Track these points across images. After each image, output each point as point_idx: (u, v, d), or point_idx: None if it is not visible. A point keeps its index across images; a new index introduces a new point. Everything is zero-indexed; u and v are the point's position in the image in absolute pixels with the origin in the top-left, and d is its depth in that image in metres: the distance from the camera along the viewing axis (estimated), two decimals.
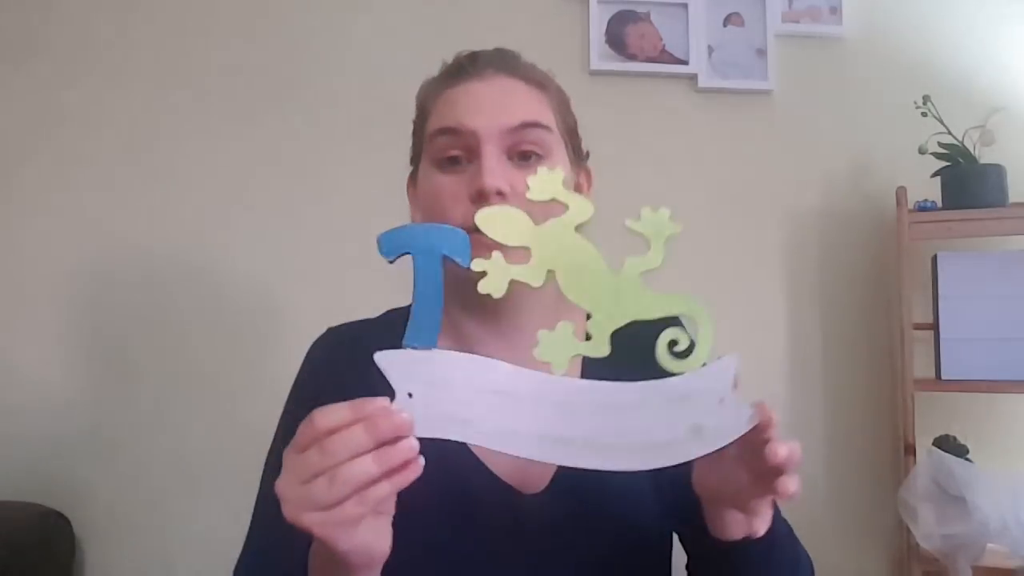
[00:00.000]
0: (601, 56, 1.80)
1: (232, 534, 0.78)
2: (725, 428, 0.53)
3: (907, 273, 1.63)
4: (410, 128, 0.83)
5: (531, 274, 0.54)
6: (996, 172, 1.62)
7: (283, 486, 0.51)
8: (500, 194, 0.69)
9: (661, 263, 0.54)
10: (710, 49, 1.83)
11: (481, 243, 0.58)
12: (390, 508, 0.54)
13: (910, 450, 1.61)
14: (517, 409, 0.52)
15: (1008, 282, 1.60)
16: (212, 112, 1.76)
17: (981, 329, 1.59)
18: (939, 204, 1.65)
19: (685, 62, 1.82)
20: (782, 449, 0.53)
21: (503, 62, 0.76)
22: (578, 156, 0.81)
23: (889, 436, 1.76)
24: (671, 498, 0.76)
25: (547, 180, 0.55)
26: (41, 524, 1.52)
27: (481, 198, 0.68)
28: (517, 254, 0.63)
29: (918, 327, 1.66)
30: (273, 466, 0.76)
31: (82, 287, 1.70)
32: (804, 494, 0.57)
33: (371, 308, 0.87)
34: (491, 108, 0.71)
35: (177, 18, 1.78)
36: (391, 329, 0.79)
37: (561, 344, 0.52)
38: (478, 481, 0.72)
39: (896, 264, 1.67)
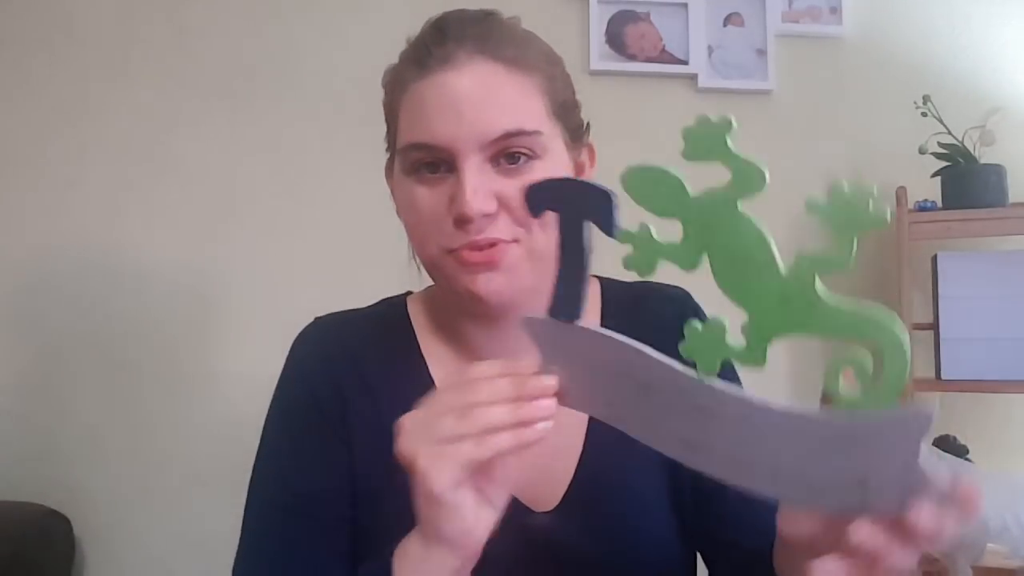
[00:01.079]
0: (601, 56, 1.80)
1: (231, 534, 0.78)
2: (900, 492, 0.40)
3: (907, 273, 1.63)
4: None
5: (682, 255, 0.45)
6: (996, 172, 1.62)
7: (408, 418, 0.52)
8: (487, 215, 0.62)
9: (848, 264, 0.41)
10: (710, 49, 1.83)
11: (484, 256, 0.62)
12: (499, 500, 0.53)
13: None
14: (657, 403, 0.47)
15: (1008, 282, 1.60)
16: (214, 113, 1.75)
17: (981, 329, 1.59)
18: (939, 204, 1.65)
19: (685, 62, 1.82)
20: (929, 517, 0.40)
21: (478, 38, 0.65)
22: (576, 136, 0.72)
23: None
24: (694, 517, 0.73)
25: (707, 131, 0.44)
26: (41, 524, 1.52)
27: (464, 222, 0.62)
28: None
29: (918, 327, 1.66)
30: (265, 472, 0.73)
31: (81, 288, 1.70)
32: None
33: (363, 303, 0.85)
34: (468, 114, 0.62)
35: (177, 15, 1.78)
36: (382, 321, 0.77)
37: (712, 344, 0.44)
38: None
39: (896, 264, 1.67)
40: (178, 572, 1.65)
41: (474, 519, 0.52)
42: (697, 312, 0.78)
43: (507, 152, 0.64)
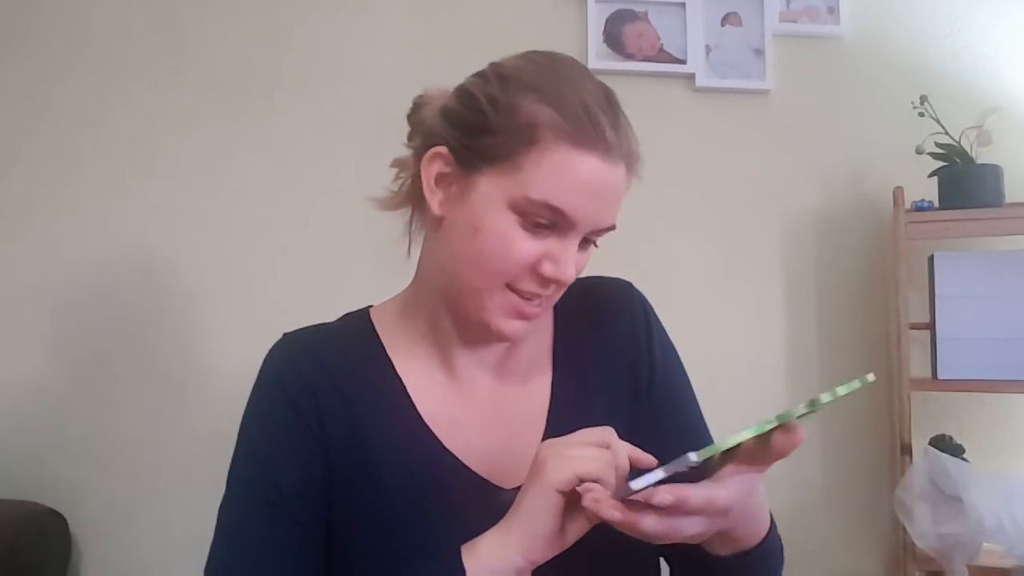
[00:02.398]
0: (599, 55, 1.80)
1: None
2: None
3: (904, 273, 1.63)
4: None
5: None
6: (993, 172, 1.62)
7: (552, 440, 0.63)
8: None
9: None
10: (708, 49, 1.83)
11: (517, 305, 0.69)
12: (571, 538, 0.61)
13: (906, 449, 1.61)
14: None
15: (1004, 282, 1.60)
16: (210, 111, 1.75)
17: (977, 329, 1.60)
18: (936, 204, 1.65)
19: (683, 61, 1.82)
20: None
21: (628, 139, 0.72)
22: None
23: (886, 435, 1.76)
24: None
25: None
26: (38, 522, 1.52)
27: (553, 283, 0.70)
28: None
29: (915, 327, 1.66)
30: (242, 469, 0.74)
31: (78, 287, 1.70)
32: (801, 493, 0.58)
33: (358, 302, 0.86)
34: (601, 204, 0.69)
35: (174, 13, 1.77)
36: (349, 334, 0.79)
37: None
38: (456, 479, 0.72)
39: (893, 264, 1.67)
40: (174, 570, 1.64)
41: (553, 530, 0.60)
42: (641, 300, 0.84)
43: (593, 239, 0.72)
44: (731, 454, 0.56)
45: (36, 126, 1.73)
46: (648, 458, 0.62)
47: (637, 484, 0.53)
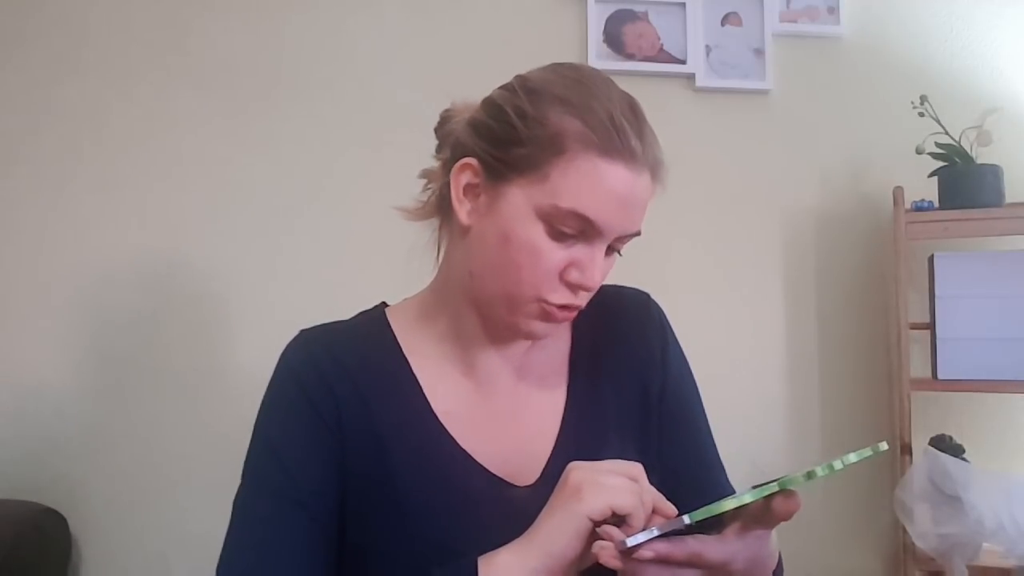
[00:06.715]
0: (599, 55, 1.80)
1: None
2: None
3: (904, 273, 1.64)
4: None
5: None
6: (993, 172, 1.62)
7: (580, 464, 0.63)
8: None
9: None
10: (708, 49, 1.83)
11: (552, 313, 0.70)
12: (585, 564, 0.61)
13: (906, 450, 1.61)
14: None
15: (1004, 282, 1.60)
16: (211, 110, 1.75)
17: (977, 329, 1.60)
18: (936, 204, 1.65)
19: (683, 61, 1.82)
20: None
21: (655, 157, 0.73)
22: None
23: (886, 435, 1.76)
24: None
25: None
26: (37, 522, 1.52)
27: (581, 289, 0.71)
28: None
29: (915, 327, 1.66)
30: (258, 462, 0.74)
31: (77, 286, 1.70)
32: (801, 493, 0.58)
33: (362, 301, 0.85)
34: (628, 213, 0.70)
35: (174, 12, 1.77)
36: (365, 332, 0.79)
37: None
38: (469, 476, 0.73)
39: (893, 264, 1.67)
40: (174, 570, 1.65)
41: (576, 554, 0.60)
42: (659, 312, 0.86)
43: (617, 246, 0.73)
44: (738, 513, 0.58)
45: (36, 126, 1.73)
46: (671, 507, 0.63)
47: (633, 540, 0.56)
